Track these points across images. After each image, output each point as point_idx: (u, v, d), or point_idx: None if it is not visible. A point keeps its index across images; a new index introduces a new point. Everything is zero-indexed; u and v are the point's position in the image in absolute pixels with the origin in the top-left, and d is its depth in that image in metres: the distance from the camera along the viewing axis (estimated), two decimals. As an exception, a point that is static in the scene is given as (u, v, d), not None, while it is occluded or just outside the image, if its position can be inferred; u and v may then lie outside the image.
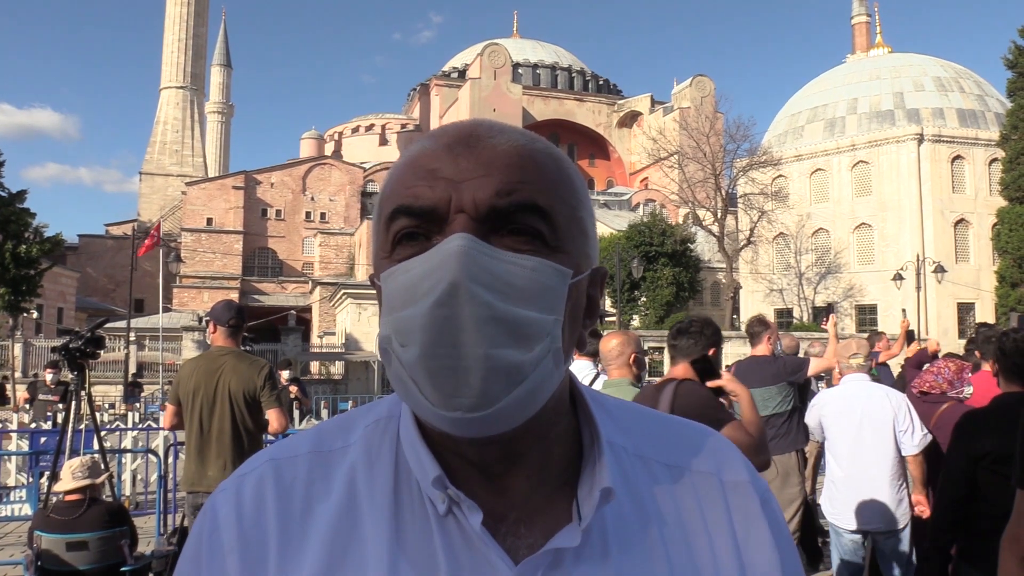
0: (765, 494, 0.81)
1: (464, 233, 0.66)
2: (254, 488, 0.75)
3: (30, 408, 13.51)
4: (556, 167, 0.73)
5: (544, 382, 0.68)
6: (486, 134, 0.72)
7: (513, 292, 0.66)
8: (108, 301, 57.35)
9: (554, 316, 0.68)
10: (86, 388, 6.39)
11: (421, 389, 0.66)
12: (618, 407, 0.84)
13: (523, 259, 0.67)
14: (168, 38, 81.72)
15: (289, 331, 37.64)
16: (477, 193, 0.68)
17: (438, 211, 0.68)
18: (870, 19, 74.35)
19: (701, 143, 41.22)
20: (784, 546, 0.79)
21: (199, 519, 0.77)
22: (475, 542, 0.69)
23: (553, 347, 0.68)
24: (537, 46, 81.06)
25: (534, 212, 0.69)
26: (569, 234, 0.72)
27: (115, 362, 30.65)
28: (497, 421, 0.66)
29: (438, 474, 0.70)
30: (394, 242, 0.70)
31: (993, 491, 3.12)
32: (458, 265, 0.64)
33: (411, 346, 0.65)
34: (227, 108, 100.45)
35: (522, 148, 0.72)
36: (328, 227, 62.04)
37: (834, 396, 4.97)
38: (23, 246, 29.31)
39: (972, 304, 41.01)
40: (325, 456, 0.77)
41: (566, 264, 0.70)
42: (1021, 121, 37.71)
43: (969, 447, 3.21)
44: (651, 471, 0.78)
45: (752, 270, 44.73)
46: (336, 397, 25.57)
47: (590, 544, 0.71)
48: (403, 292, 0.66)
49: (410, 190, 0.70)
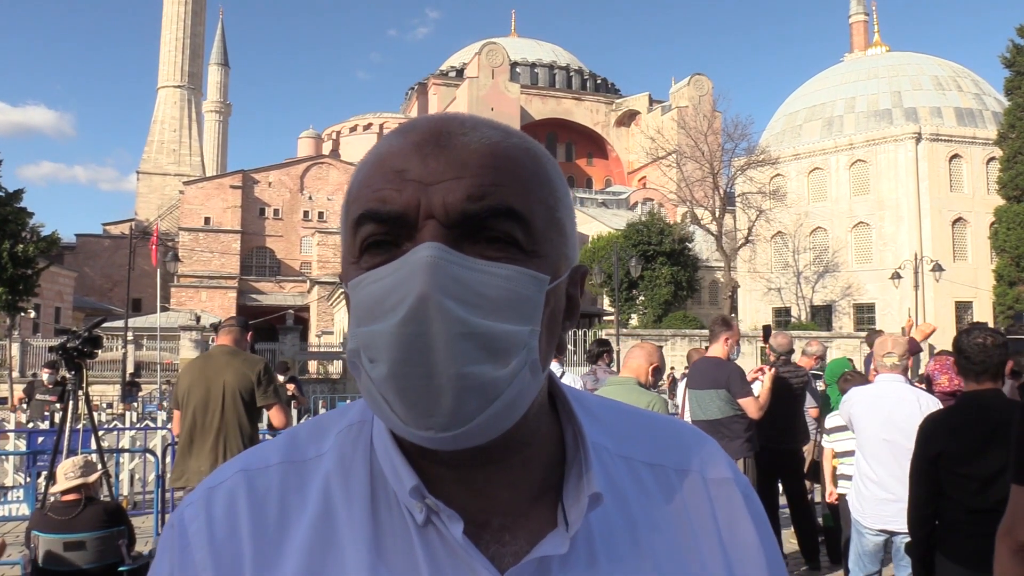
0: (747, 490, 0.80)
1: (433, 242, 0.62)
2: (225, 501, 0.72)
3: (27, 408, 13.48)
4: (533, 164, 0.69)
5: (521, 394, 0.65)
6: (458, 130, 0.67)
7: (486, 304, 0.62)
8: (105, 300, 57.32)
9: (530, 327, 0.64)
10: (84, 388, 6.37)
11: (392, 407, 0.63)
12: (600, 405, 0.82)
13: (497, 267, 0.63)
14: (166, 37, 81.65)
15: (287, 330, 37.60)
16: (448, 197, 0.64)
17: (407, 217, 0.64)
18: (868, 18, 74.39)
19: (699, 142, 41.18)
20: (768, 542, 0.78)
21: (167, 533, 0.73)
22: (458, 551, 0.66)
23: (530, 359, 0.64)
24: (535, 45, 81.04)
25: (509, 217, 0.65)
26: (546, 237, 0.68)
27: (113, 361, 30.63)
28: (472, 436, 0.63)
29: (415, 483, 0.67)
30: (361, 248, 0.66)
31: (953, 488, 3.29)
32: (426, 277, 0.60)
33: (379, 363, 0.62)
34: (225, 107, 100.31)
35: (496, 146, 0.67)
36: (326, 226, 61.98)
37: (865, 394, 4.86)
38: (20, 245, 29.21)
39: (970, 303, 41.02)
40: (299, 466, 0.73)
41: (543, 269, 0.66)
42: (1018, 120, 37.72)
43: (926, 448, 3.36)
44: (635, 472, 0.76)
45: (750, 269, 44.72)
46: (334, 396, 25.54)
47: (576, 551, 0.69)
48: (370, 304, 0.63)
49: (377, 193, 0.66)
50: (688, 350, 12.47)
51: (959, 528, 3.28)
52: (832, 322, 42.30)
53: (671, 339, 31.90)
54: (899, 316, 34.66)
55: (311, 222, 62.69)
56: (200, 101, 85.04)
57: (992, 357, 3.30)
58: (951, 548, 3.30)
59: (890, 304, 40.28)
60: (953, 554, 3.28)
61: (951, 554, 3.29)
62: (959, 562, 3.25)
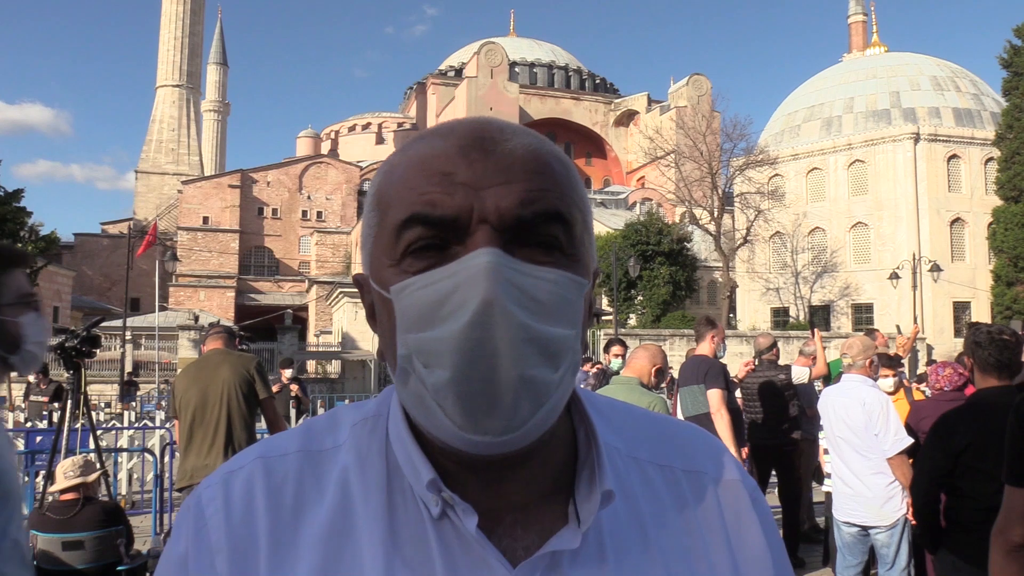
0: (755, 493, 0.81)
1: (491, 247, 0.62)
2: (243, 485, 0.72)
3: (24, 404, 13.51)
4: (566, 171, 0.70)
5: (564, 396, 0.67)
6: (499, 136, 0.68)
7: (540, 309, 0.63)
8: (104, 300, 57.26)
9: (575, 330, 0.66)
10: (82, 387, 6.37)
11: (447, 412, 0.63)
12: (609, 407, 0.82)
13: (547, 272, 0.64)
14: (164, 36, 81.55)
15: (285, 330, 37.64)
16: (501, 202, 0.64)
17: (459, 221, 0.64)
18: (866, 18, 74.40)
19: (698, 142, 41.20)
20: (774, 544, 0.79)
21: (182, 515, 0.74)
22: (471, 544, 0.68)
23: (575, 361, 0.66)
24: (534, 45, 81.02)
25: (556, 221, 0.66)
26: (583, 241, 0.69)
27: (111, 361, 30.65)
28: (520, 440, 0.65)
29: (432, 477, 0.68)
30: (405, 251, 0.66)
31: (973, 485, 3.20)
32: (489, 283, 0.60)
33: (439, 368, 0.62)
34: (223, 107, 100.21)
35: (538, 152, 0.68)
36: (325, 226, 61.97)
37: (828, 393, 5.19)
38: (18, 245, 29.21)
39: (968, 303, 41.06)
40: (315, 456, 0.74)
41: (581, 273, 0.68)
42: (1016, 120, 37.77)
43: (946, 444, 3.27)
44: (644, 472, 0.77)
45: (748, 269, 44.75)
46: (333, 396, 25.55)
47: (587, 547, 0.70)
48: (425, 309, 0.63)
49: (425, 196, 0.65)
50: (687, 350, 12.54)
51: (974, 528, 3.14)
52: (830, 322, 42.33)
53: (669, 339, 31.89)
54: (897, 316, 34.66)
55: (310, 222, 62.65)
56: (199, 100, 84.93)
57: (1016, 355, 3.26)
58: (965, 549, 3.20)
59: (888, 304, 40.31)
60: (967, 555, 3.18)
61: (965, 555, 3.19)
62: (974, 563, 3.15)
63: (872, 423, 4.61)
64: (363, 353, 33.26)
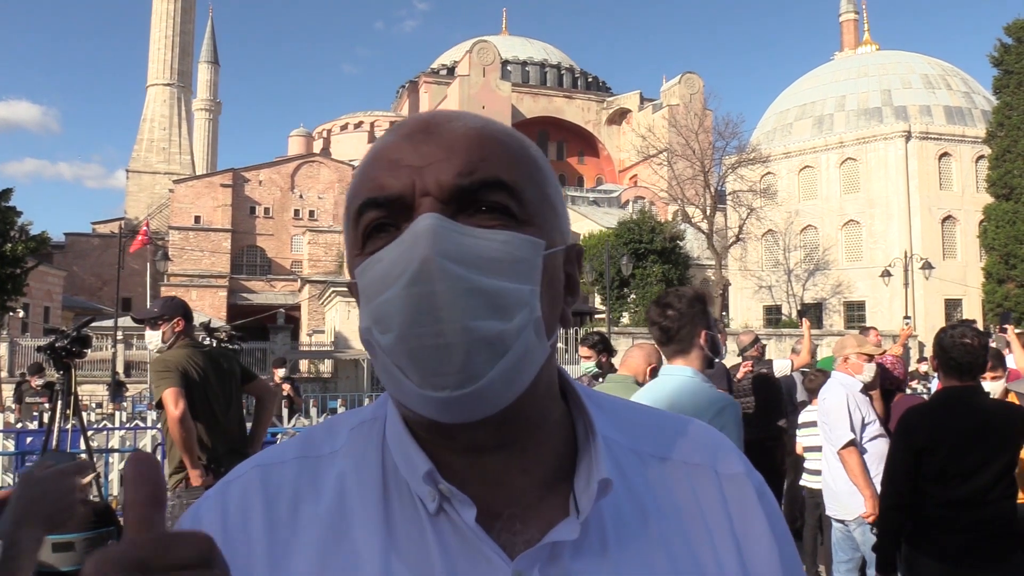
0: (760, 486, 0.80)
1: (431, 213, 0.65)
2: (240, 493, 0.74)
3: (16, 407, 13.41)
4: (519, 145, 0.73)
5: (528, 354, 0.67)
6: (444, 120, 0.72)
7: (486, 264, 0.65)
8: (95, 300, 56.97)
9: (530, 286, 0.67)
10: (72, 388, 6.32)
11: (405, 372, 0.65)
12: (610, 402, 0.82)
13: (493, 233, 0.66)
14: (155, 35, 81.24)
15: (278, 329, 37.52)
16: (440, 175, 0.67)
17: (404, 198, 0.68)
18: (858, 16, 74.68)
19: (690, 140, 41.22)
20: (782, 537, 0.78)
21: (181, 524, 0.74)
22: (470, 538, 0.68)
23: (533, 317, 0.67)
24: (526, 43, 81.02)
25: (500, 188, 0.68)
26: (538, 209, 0.71)
27: (102, 361, 30.47)
28: (485, 398, 0.65)
29: (428, 468, 0.69)
30: (364, 236, 0.70)
31: (932, 482, 3.35)
32: (427, 242, 0.63)
33: (390, 330, 0.65)
34: (215, 105, 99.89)
35: (481, 129, 0.71)
36: (317, 225, 61.78)
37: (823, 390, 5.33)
38: (8, 245, 29.07)
39: (959, 300, 41.23)
40: (313, 461, 0.76)
41: (538, 237, 0.69)
42: (1007, 118, 37.95)
43: (910, 440, 3.43)
44: (647, 466, 0.77)
45: (741, 267, 44.85)
46: (325, 395, 25.46)
47: (588, 538, 0.70)
48: (378, 281, 0.66)
49: (375, 182, 0.69)
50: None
51: (934, 523, 3.33)
52: (823, 320, 42.44)
53: (662, 337, 31.84)
54: (889, 314, 34.83)
55: (302, 221, 62.47)
56: (190, 99, 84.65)
57: (978, 358, 3.41)
58: (927, 544, 3.33)
59: (880, 302, 40.45)
60: (930, 550, 3.31)
61: (928, 550, 3.31)
62: (937, 558, 3.28)
63: (825, 416, 4.77)
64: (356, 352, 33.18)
